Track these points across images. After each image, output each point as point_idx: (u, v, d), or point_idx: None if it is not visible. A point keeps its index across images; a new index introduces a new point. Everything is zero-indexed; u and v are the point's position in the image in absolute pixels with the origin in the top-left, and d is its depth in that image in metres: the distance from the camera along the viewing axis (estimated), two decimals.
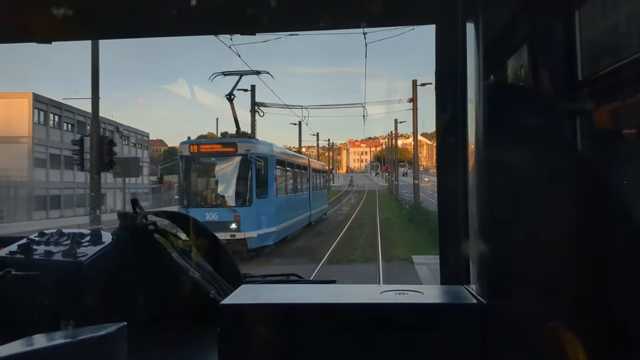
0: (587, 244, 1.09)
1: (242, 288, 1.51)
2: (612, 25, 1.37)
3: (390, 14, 1.67)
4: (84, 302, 1.53)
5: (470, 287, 1.36)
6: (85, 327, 1.11)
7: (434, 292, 1.40)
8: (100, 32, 1.96)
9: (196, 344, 1.58)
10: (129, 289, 1.65)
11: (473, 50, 1.36)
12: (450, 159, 1.58)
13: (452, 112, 1.57)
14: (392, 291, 1.34)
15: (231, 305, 1.29)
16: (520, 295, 1.16)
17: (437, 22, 1.62)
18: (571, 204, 1.13)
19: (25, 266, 1.58)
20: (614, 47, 1.37)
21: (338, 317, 1.25)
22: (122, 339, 1.12)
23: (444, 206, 1.61)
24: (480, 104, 1.30)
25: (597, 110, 1.35)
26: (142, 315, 1.48)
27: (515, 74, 1.60)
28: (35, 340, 1.06)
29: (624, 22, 1.38)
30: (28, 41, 1.97)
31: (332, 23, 1.75)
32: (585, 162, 1.26)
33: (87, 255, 1.62)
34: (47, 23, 1.74)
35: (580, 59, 1.31)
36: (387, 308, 1.26)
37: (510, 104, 1.28)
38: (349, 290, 1.56)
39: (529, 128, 1.23)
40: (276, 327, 1.25)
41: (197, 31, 2.14)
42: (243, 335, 1.24)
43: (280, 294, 1.49)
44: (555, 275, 1.13)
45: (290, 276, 2.25)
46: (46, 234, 1.79)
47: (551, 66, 1.33)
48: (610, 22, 1.38)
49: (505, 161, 1.23)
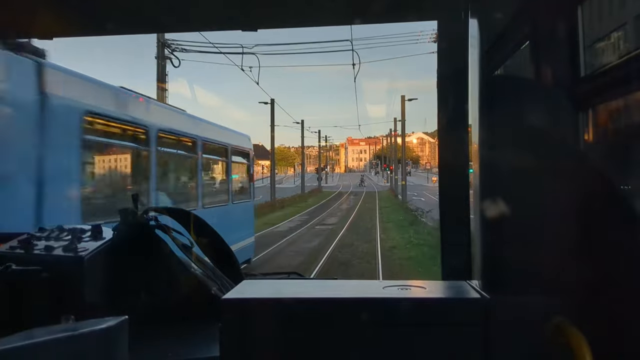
0: (589, 239, 1.09)
1: (244, 283, 1.50)
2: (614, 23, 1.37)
3: (392, 9, 1.67)
4: (85, 297, 1.53)
5: (473, 282, 1.36)
6: (86, 321, 1.11)
7: (437, 287, 1.40)
8: (101, 28, 1.95)
9: (198, 339, 1.57)
10: (130, 284, 1.64)
11: (475, 47, 1.36)
12: (452, 154, 1.58)
13: (454, 109, 1.57)
14: (394, 286, 1.34)
15: (233, 299, 1.29)
16: (522, 291, 1.16)
17: (439, 18, 1.62)
18: (573, 200, 1.13)
19: (25, 261, 1.57)
20: (616, 45, 1.37)
21: (340, 312, 1.25)
22: (123, 332, 1.12)
23: (445, 202, 1.61)
24: (482, 100, 1.30)
25: (599, 108, 1.35)
26: (143, 311, 1.47)
27: (518, 71, 1.60)
28: (35, 334, 1.05)
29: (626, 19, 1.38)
30: (29, 37, 1.97)
31: (334, 19, 1.75)
32: (587, 160, 1.26)
33: (87, 250, 1.62)
34: (48, 19, 1.74)
35: (582, 56, 1.31)
36: (390, 303, 1.26)
37: (512, 101, 1.27)
38: (351, 286, 1.56)
39: (531, 125, 1.23)
40: (277, 322, 1.24)
41: (199, 27, 2.14)
42: (245, 330, 1.24)
43: (281, 289, 1.49)
44: (557, 271, 1.13)
45: (291, 274, 2.25)
46: (46, 230, 1.79)
47: (553, 63, 1.33)
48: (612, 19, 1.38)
49: (507, 157, 1.23)
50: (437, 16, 1.63)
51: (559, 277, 1.11)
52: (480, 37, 1.35)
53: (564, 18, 1.32)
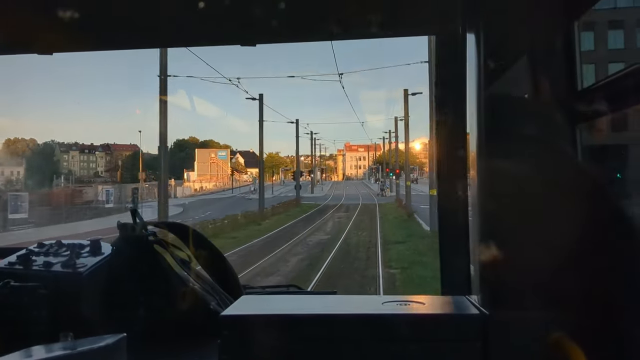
0: (589, 253, 1.09)
1: (243, 299, 1.50)
2: (611, 36, 1.38)
3: (390, 24, 1.68)
4: (83, 314, 1.52)
5: (472, 297, 1.36)
6: (84, 339, 1.11)
7: (436, 303, 1.40)
8: (101, 43, 1.96)
9: (197, 356, 1.57)
10: (128, 300, 1.64)
11: (473, 61, 1.37)
12: (450, 168, 1.59)
13: (452, 122, 1.58)
14: (393, 302, 1.34)
15: (232, 316, 1.29)
16: (522, 306, 1.16)
17: (437, 32, 1.63)
18: (572, 213, 1.13)
19: (24, 277, 1.57)
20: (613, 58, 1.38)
21: (339, 328, 1.25)
22: (121, 350, 1.11)
23: (444, 215, 1.61)
24: (480, 114, 1.30)
25: (597, 120, 1.36)
26: (141, 327, 1.46)
27: (515, 84, 1.60)
28: (33, 352, 1.05)
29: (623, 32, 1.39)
30: (29, 52, 1.97)
31: (332, 34, 1.76)
32: (585, 171, 1.27)
33: (86, 266, 1.62)
34: (48, 34, 1.75)
35: (579, 69, 1.31)
36: (389, 319, 1.25)
37: (510, 114, 1.28)
38: (350, 301, 1.56)
39: (529, 138, 1.23)
40: (277, 338, 1.24)
41: (198, 42, 2.15)
42: (244, 346, 1.23)
43: (281, 304, 1.48)
44: (557, 286, 1.13)
45: (290, 287, 2.24)
46: (45, 245, 1.78)
47: (551, 76, 1.34)
48: (610, 32, 1.39)
49: (505, 171, 1.23)
50: (434, 30, 1.64)
51: (559, 293, 1.11)
52: (477, 51, 1.36)
53: (560, 32, 1.33)
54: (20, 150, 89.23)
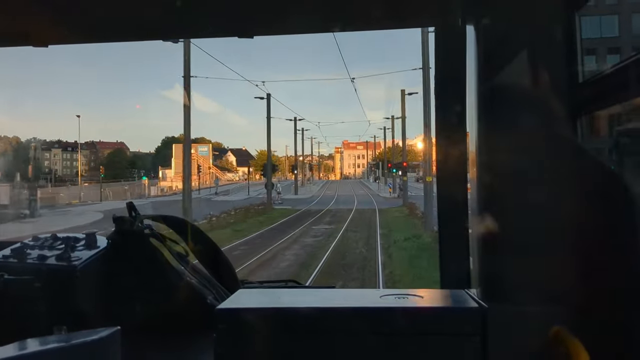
0: (588, 247, 1.09)
1: (239, 292, 1.49)
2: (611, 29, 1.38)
3: (390, 16, 1.67)
4: (78, 307, 1.51)
5: (471, 291, 1.35)
6: (78, 332, 1.09)
7: (435, 296, 1.39)
8: (97, 35, 1.95)
9: (192, 349, 1.56)
10: (123, 293, 1.63)
11: (473, 54, 1.36)
12: (450, 162, 1.57)
13: (452, 116, 1.56)
14: (392, 295, 1.33)
15: (228, 309, 1.28)
16: (521, 300, 1.15)
17: (437, 25, 1.61)
18: (572, 207, 1.12)
19: (18, 271, 1.56)
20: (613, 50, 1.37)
21: (337, 322, 1.24)
22: (115, 343, 1.10)
23: (444, 210, 1.60)
24: (480, 107, 1.29)
25: (598, 114, 1.35)
26: (137, 321, 1.45)
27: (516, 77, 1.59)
28: (27, 345, 1.04)
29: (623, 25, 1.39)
30: (25, 45, 1.95)
31: (333, 25, 1.75)
32: (585, 165, 1.26)
33: (81, 259, 1.60)
34: (43, 26, 1.73)
35: (580, 62, 1.30)
36: (387, 312, 1.24)
37: (510, 108, 1.27)
38: (349, 295, 1.55)
39: (529, 132, 1.22)
40: (274, 332, 1.23)
41: (197, 34, 2.13)
42: (240, 340, 1.22)
43: (278, 298, 1.47)
44: (556, 279, 1.12)
45: (288, 282, 2.23)
46: (40, 238, 1.77)
47: (551, 70, 1.33)
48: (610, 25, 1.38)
49: (505, 165, 1.22)
50: (434, 22, 1.63)
51: (558, 286, 1.10)
52: (477, 43, 1.35)
53: (561, 25, 1.32)
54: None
